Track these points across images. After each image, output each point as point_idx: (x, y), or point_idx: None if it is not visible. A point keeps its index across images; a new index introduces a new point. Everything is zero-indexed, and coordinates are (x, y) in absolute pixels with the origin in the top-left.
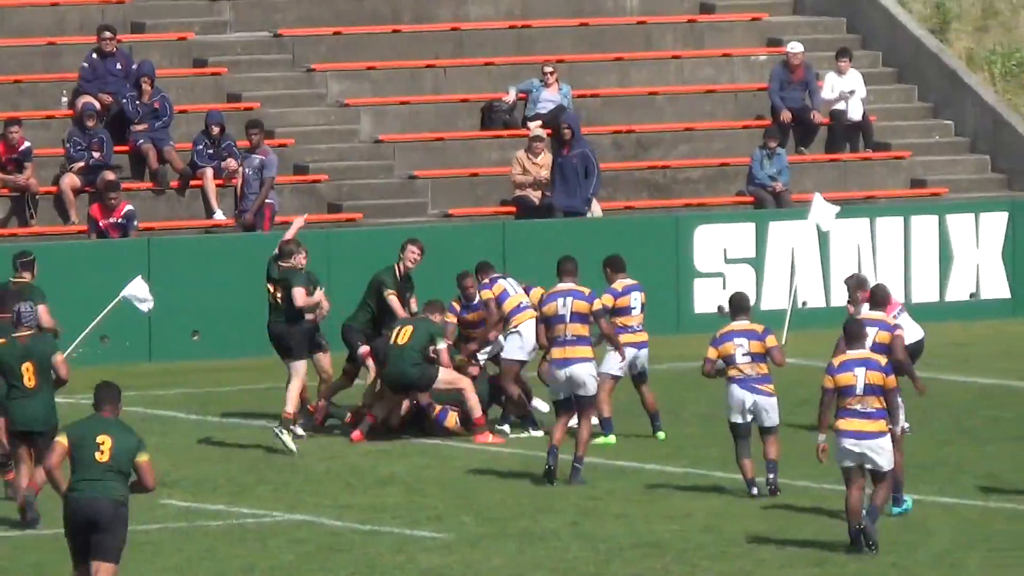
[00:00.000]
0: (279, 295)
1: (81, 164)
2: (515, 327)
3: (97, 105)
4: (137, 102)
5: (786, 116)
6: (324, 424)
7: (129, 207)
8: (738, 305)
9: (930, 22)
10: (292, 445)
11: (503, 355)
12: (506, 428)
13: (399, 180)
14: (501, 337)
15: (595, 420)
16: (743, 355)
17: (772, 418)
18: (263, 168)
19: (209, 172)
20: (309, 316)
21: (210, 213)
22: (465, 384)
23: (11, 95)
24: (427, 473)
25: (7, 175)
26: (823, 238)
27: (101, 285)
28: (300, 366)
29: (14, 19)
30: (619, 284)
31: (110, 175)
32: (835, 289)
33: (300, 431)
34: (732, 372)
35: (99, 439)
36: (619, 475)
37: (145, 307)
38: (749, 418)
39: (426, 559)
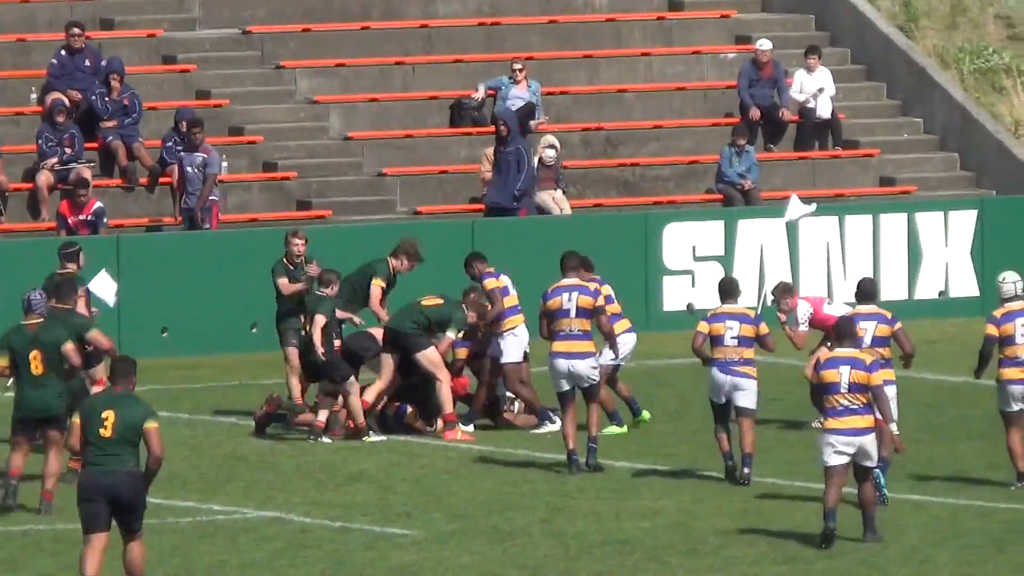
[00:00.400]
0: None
1: (54, 160)
2: (510, 328)
3: (67, 101)
4: (106, 99)
5: (755, 114)
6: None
7: (99, 204)
8: (727, 289)
9: (898, 19)
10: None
11: (503, 359)
12: (470, 428)
13: (368, 177)
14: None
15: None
16: (731, 338)
17: (747, 399)
18: (206, 166)
19: (178, 169)
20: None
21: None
22: (443, 376)
23: None
24: (397, 470)
25: None
26: (792, 236)
27: None
28: (350, 385)
29: None
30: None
31: (85, 171)
32: (804, 286)
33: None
34: (716, 354)
35: (104, 414)
36: (589, 472)
37: (111, 300)
38: (727, 398)
39: (396, 556)
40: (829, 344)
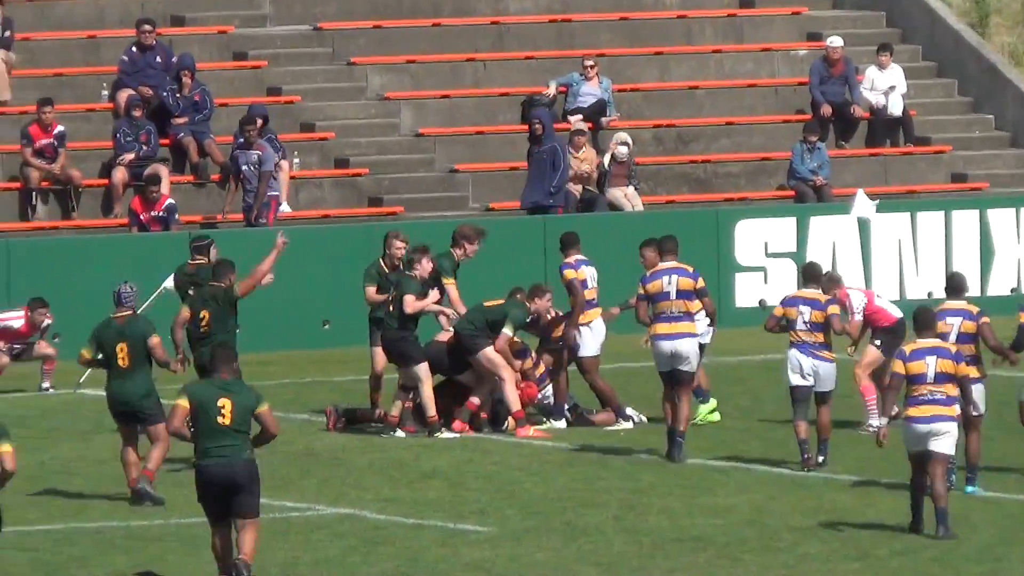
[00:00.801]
0: (392, 301)
1: (131, 155)
2: (588, 322)
3: (142, 97)
4: (177, 95)
5: (826, 110)
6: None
7: (170, 200)
8: (809, 273)
9: (970, 16)
10: (454, 434)
11: (581, 352)
12: (560, 423)
13: (440, 174)
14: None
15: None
16: (803, 322)
17: (828, 383)
18: (261, 163)
19: (285, 165)
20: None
21: (279, 205)
22: (507, 375)
23: (51, 88)
24: (470, 467)
25: (45, 164)
26: (864, 232)
27: (142, 278)
28: (421, 370)
29: (55, 12)
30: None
31: (159, 168)
32: (876, 283)
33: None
34: (792, 337)
35: (220, 403)
36: (662, 469)
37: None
38: (809, 381)
39: (470, 553)
40: (878, 342)
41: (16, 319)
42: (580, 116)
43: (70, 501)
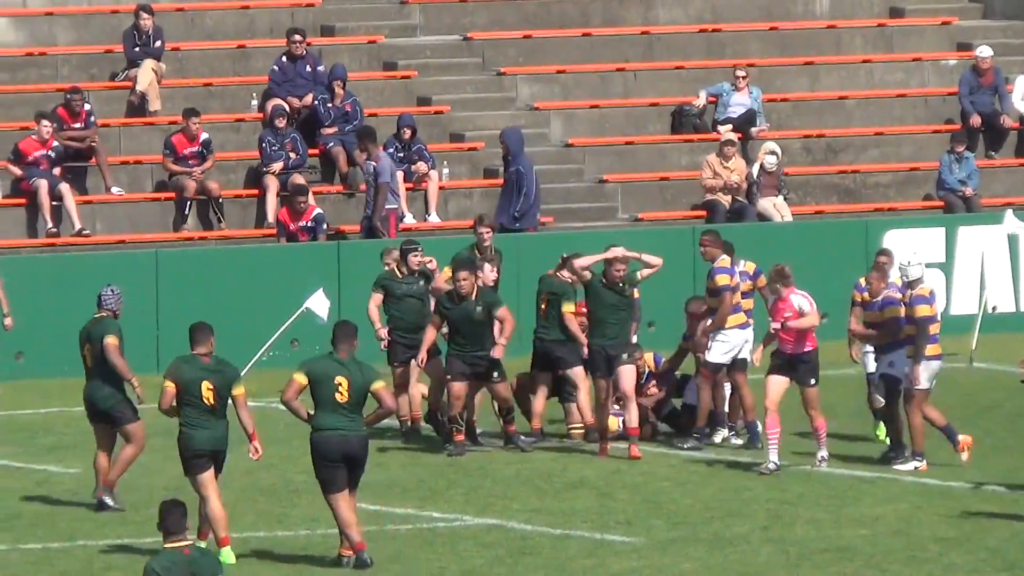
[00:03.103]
0: (545, 308)
1: (279, 164)
2: (725, 327)
3: (287, 107)
4: (329, 105)
5: (976, 120)
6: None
7: (318, 210)
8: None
9: None
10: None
11: (707, 357)
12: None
13: (589, 184)
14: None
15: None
16: None
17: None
18: (377, 175)
19: (399, 175)
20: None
21: (400, 217)
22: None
23: (201, 98)
24: (617, 477)
25: (185, 169)
26: (1013, 244)
27: (290, 289)
28: (577, 372)
29: (204, 22)
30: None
31: (299, 179)
32: None
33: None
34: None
35: (337, 380)
36: (808, 479)
37: (324, 317)
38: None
39: (616, 563)
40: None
41: None
42: (730, 126)
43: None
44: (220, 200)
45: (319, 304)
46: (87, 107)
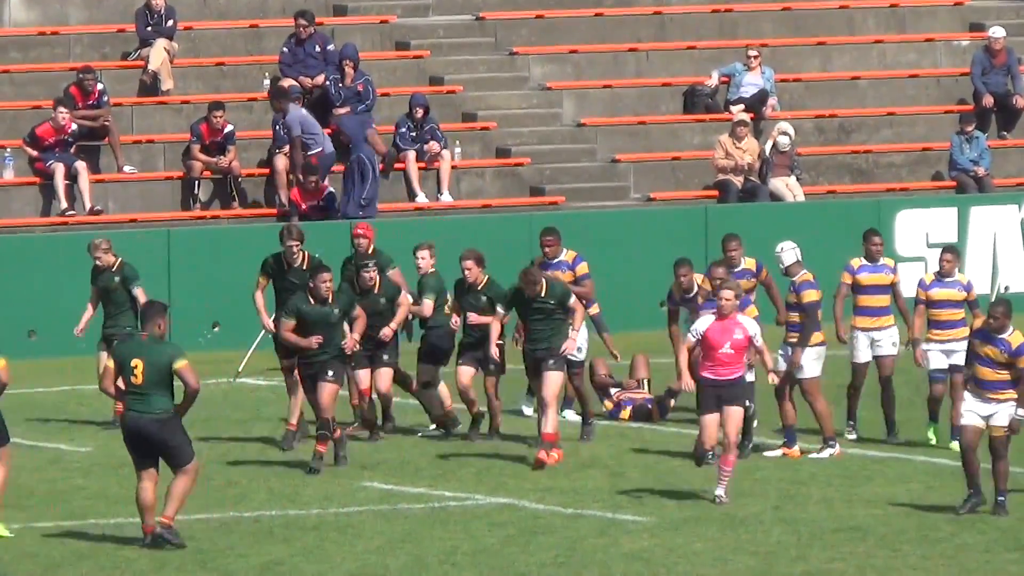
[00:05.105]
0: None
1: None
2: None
3: (299, 87)
4: (340, 85)
5: (988, 101)
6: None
7: (330, 190)
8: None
9: None
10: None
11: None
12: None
13: (601, 164)
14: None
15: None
16: None
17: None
18: (289, 129)
19: (411, 155)
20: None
21: (412, 196)
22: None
23: (214, 78)
24: (629, 457)
25: (210, 157)
26: None
27: None
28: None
29: (217, 1)
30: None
31: (311, 158)
32: None
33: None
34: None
35: (133, 362)
36: (820, 459)
37: None
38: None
39: (628, 543)
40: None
41: None
42: (742, 106)
43: (228, 491)
44: (240, 179)
45: None
46: (99, 86)
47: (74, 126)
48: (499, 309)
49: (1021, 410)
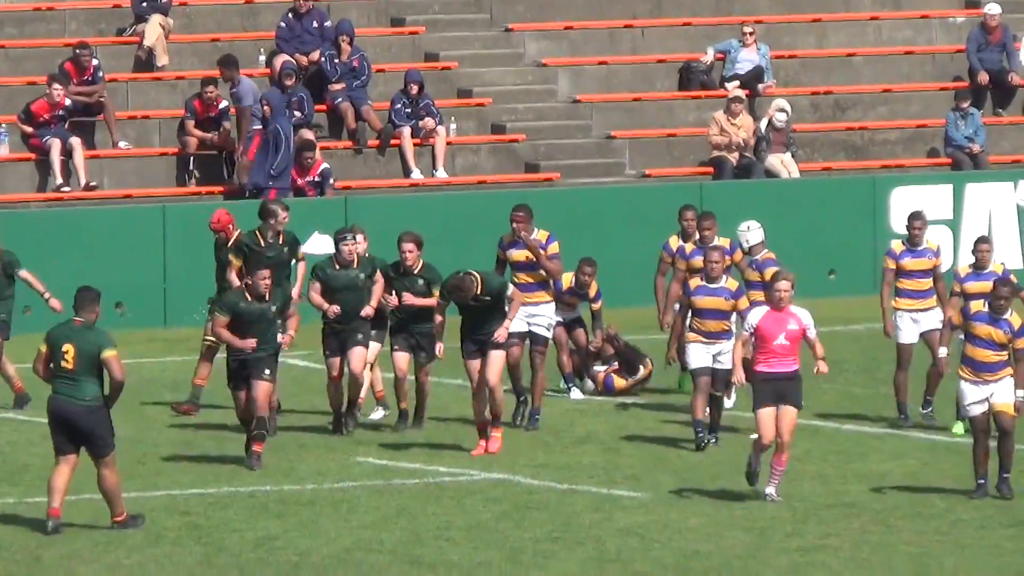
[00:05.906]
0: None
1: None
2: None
3: (295, 64)
4: (335, 61)
5: (983, 78)
6: None
7: (325, 165)
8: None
9: None
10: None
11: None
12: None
13: (596, 140)
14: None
15: None
16: None
17: None
18: (240, 100)
19: (407, 131)
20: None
21: (407, 172)
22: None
23: (209, 54)
24: (624, 433)
25: (205, 133)
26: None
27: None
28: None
29: None
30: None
31: (307, 134)
32: None
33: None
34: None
35: (64, 348)
36: (815, 435)
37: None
38: None
39: (623, 518)
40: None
41: None
42: (737, 83)
43: (224, 466)
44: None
45: (318, 245)
46: (95, 62)
47: (69, 102)
48: (439, 299)
49: (1020, 391)
